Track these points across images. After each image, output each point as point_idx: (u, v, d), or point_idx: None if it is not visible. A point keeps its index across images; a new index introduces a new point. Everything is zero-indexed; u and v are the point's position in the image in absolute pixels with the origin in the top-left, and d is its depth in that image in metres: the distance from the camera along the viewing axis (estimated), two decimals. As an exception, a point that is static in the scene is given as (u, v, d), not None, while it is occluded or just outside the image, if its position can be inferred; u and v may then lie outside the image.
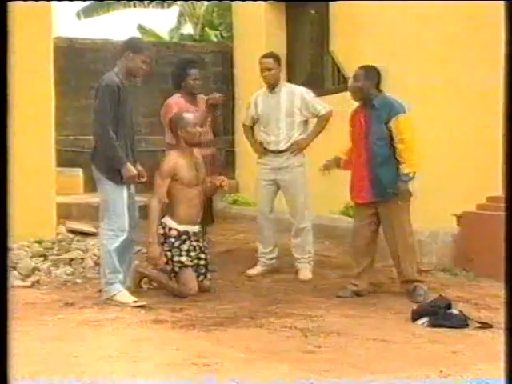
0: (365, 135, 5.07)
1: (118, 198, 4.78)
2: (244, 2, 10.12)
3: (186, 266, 5.02)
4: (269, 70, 5.74)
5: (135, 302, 4.70)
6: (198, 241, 5.13)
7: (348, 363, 3.46)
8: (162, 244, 4.99)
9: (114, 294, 4.75)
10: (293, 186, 5.80)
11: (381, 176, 5.01)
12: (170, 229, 5.00)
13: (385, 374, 3.27)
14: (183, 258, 5.01)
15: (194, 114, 5.32)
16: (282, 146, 5.75)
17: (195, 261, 5.10)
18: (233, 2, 11.27)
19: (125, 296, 4.75)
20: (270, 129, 5.78)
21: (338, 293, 5.12)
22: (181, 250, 5.00)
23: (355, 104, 5.26)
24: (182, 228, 5.03)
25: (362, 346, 3.78)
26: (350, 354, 3.64)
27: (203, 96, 5.84)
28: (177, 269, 5.00)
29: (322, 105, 5.85)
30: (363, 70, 5.13)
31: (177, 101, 5.76)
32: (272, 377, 3.19)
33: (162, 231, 5.00)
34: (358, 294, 5.10)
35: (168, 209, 5.06)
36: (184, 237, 5.03)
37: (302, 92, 5.85)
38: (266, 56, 5.88)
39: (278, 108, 5.74)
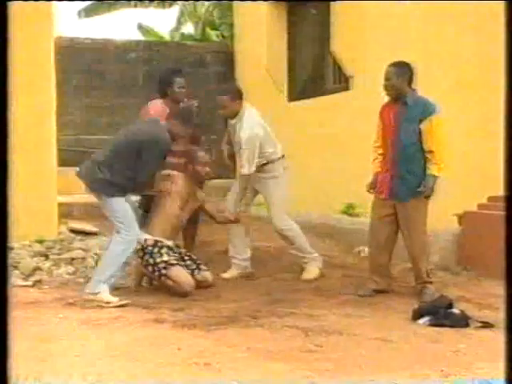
0: (394, 132, 5.00)
1: (126, 207, 4.92)
2: (245, 2, 10.12)
3: (172, 264, 5.08)
4: (224, 107, 5.75)
5: (119, 301, 4.76)
6: (173, 250, 5.25)
7: (349, 362, 3.46)
8: (142, 257, 5.12)
9: (99, 292, 4.77)
10: (266, 192, 5.86)
11: (406, 175, 4.97)
12: (146, 240, 5.11)
13: (386, 373, 3.27)
14: (165, 258, 5.09)
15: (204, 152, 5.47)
16: (247, 171, 5.66)
17: (180, 261, 5.18)
18: (234, 2, 11.26)
19: (109, 296, 4.79)
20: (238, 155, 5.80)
21: (358, 291, 5.11)
22: (161, 253, 5.10)
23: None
24: (157, 238, 5.16)
25: (364, 346, 3.78)
26: (352, 353, 3.64)
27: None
28: (163, 271, 5.05)
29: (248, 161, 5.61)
30: (394, 67, 5.00)
31: (155, 105, 5.87)
32: (273, 376, 3.19)
33: (139, 246, 5.10)
34: (378, 291, 5.09)
35: (145, 224, 5.22)
36: (160, 244, 5.15)
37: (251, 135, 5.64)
38: (221, 93, 5.85)
39: (239, 137, 5.69)
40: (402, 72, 4.98)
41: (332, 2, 8.22)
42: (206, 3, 18.26)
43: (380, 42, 7.32)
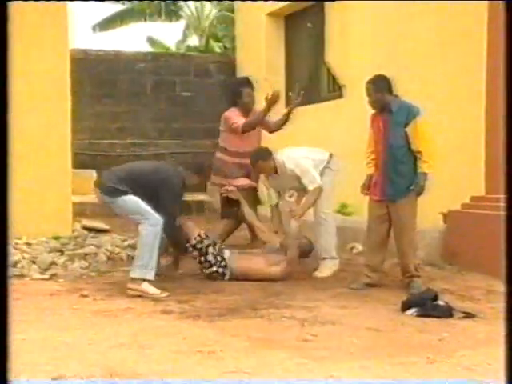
0: (383, 138, 5.02)
1: (137, 200, 4.87)
2: (246, 16, 10.13)
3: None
4: (264, 171, 5.78)
5: (161, 293, 4.77)
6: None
7: (342, 350, 3.47)
8: (199, 252, 5.31)
9: (143, 281, 4.78)
10: None
11: (397, 176, 4.98)
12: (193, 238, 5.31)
13: (376, 360, 3.27)
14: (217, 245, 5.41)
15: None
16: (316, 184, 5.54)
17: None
18: (235, 16, 11.27)
19: (152, 288, 4.79)
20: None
21: (351, 285, 5.11)
22: (209, 242, 5.33)
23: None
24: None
25: (355, 335, 3.78)
26: (344, 341, 3.63)
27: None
28: (226, 254, 5.35)
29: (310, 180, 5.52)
30: (371, 83, 5.03)
31: (234, 112, 6.07)
32: (272, 363, 3.20)
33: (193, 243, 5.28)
34: (370, 285, 5.10)
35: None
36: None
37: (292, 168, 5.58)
38: (253, 158, 5.71)
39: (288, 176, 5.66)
40: (380, 85, 5.01)
41: (326, 17, 8.23)
42: (210, 17, 18.29)
43: (369, 53, 7.32)
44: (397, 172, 5.00)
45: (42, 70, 6.38)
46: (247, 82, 6.21)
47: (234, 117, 6.04)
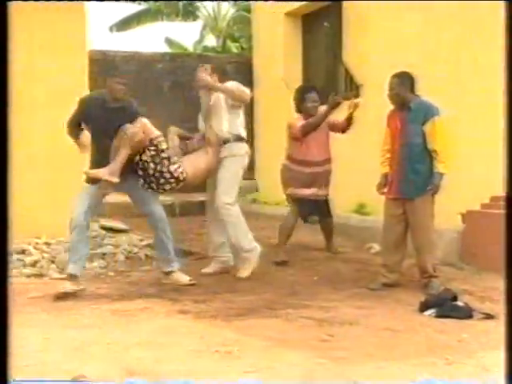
0: (400, 136, 5.00)
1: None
2: (263, 16, 10.13)
3: None
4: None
5: (190, 280, 5.05)
6: None
7: (360, 351, 3.45)
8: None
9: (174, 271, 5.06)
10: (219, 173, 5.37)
11: (413, 175, 4.96)
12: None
13: (395, 360, 3.26)
14: None
15: None
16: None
17: None
18: (252, 16, 11.27)
19: (182, 275, 5.09)
20: None
21: (369, 285, 5.09)
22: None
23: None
24: None
25: (374, 335, 3.76)
26: (362, 342, 3.62)
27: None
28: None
29: None
30: (396, 77, 5.03)
31: (297, 118, 6.05)
32: (289, 363, 3.19)
33: None
34: (388, 286, 5.07)
35: None
36: None
37: None
38: None
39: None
40: (404, 81, 5.01)
41: (344, 14, 8.21)
42: (227, 17, 18.31)
43: (388, 51, 7.29)
44: (413, 170, 4.98)
45: (60, 70, 6.44)
46: (312, 89, 6.19)
47: (297, 123, 6.00)
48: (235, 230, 5.33)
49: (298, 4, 9.08)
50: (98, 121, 4.82)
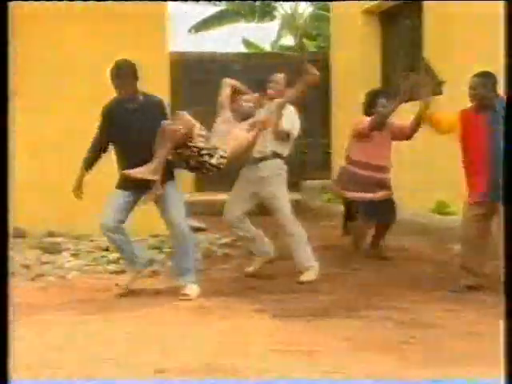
0: (484, 137, 4.86)
1: None
2: (341, 14, 10.06)
3: None
4: None
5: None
6: None
7: (441, 355, 3.37)
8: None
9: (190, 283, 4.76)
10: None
11: (497, 177, 4.80)
12: None
13: (480, 366, 3.15)
14: None
15: None
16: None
17: None
18: (331, 14, 11.22)
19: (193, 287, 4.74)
20: None
21: (450, 287, 4.97)
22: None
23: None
24: None
25: (455, 339, 3.66)
26: (445, 345, 3.53)
27: None
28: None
29: None
30: (480, 77, 4.90)
31: (365, 120, 5.98)
32: (369, 365, 3.15)
33: None
34: (470, 288, 4.94)
35: None
36: None
37: None
38: None
39: None
40: (487, 81, 4.86)
41: (424, 10, 8.03)
42: (305, 15, 18.28)
43: (471, 47, 7.09)
44: (498, 172, 4.81)
45: (142, 72, 6.60)
46: (383, 94, 6.14)
47: (365, 119, 5.94)
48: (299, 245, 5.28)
49: (375, 1, 8.97)
50: (125, 124, 4.61)
